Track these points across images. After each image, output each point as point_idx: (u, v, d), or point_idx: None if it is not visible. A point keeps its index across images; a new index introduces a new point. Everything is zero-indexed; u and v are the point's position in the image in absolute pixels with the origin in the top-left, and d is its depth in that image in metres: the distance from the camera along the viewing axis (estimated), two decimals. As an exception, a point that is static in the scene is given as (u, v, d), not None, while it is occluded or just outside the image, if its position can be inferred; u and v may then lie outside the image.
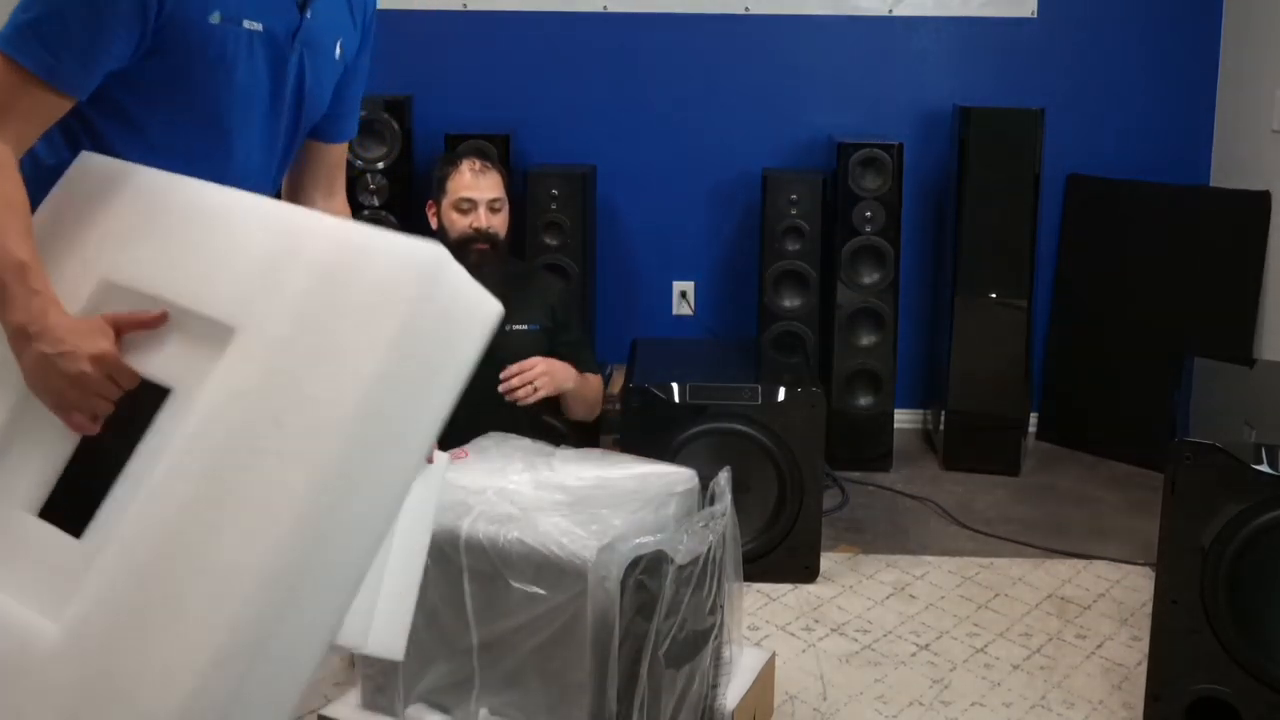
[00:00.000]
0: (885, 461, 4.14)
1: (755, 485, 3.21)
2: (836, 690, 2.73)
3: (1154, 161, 4.32)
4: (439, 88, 4.38)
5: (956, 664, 2.86)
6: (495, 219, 2.86)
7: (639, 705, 2.01)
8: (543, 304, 2.89)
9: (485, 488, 2.25)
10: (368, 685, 2.27)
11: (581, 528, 2.07)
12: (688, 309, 4.54)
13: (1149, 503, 3.74)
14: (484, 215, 2.83)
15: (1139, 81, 4.34)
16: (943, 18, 4.34)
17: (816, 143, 4.39)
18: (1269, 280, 3.94)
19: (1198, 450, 2.35)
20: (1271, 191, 3.93)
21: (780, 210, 4.06)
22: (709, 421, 3.18)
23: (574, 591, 2.02)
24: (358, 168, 4.07)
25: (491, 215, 2.85)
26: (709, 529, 2.16)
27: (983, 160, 4.01)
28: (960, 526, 3.67)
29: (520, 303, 2.84)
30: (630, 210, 4.47)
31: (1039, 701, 2.70)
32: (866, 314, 4.08)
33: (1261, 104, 4.00)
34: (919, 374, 4.51)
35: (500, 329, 2.77)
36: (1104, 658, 2.89)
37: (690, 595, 2.11)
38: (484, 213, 2.83)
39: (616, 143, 4.42)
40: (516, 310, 2.83)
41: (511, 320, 2.82)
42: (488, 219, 2.84)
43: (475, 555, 2.10)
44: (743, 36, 4.38)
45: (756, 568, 3.16)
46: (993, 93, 4.31)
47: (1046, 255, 4.37)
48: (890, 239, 4.03)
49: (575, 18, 4.37)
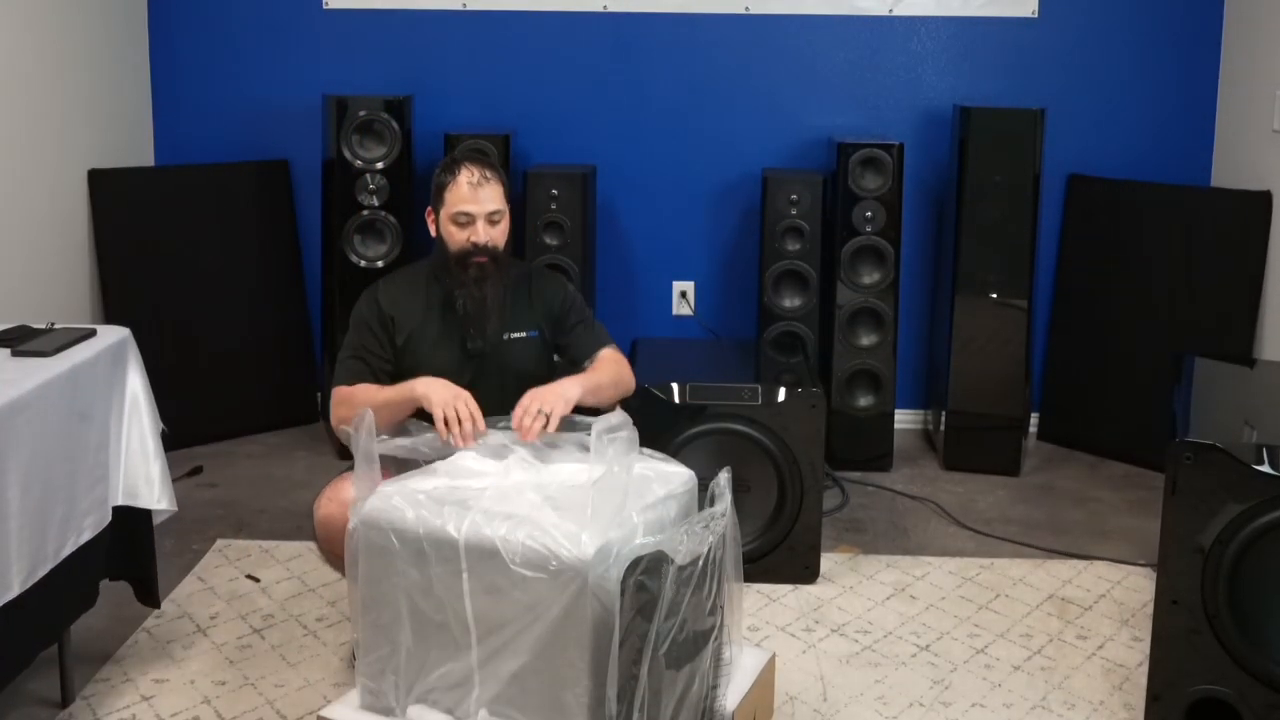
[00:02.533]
0: (885, 461, 4.13)
1: (755, 485, 3.21)
2: (837, 691, 2.73)
3: (1154, 161, 4.32)
4: (439, 88, 4.38)
5: (957, 665, 2.86)
6: (494, 231, 2.73)
7: (639, 706, 2.00)
8: (543, 307, 2.84)
9: (485, 488, 2.25)
10: (367, 686, 2.27)
11: (581, 528, 2.06)
12: (688, 309, 4.53)
13: (1149, 503, 3.75)
14: (482, 229, 2.70)
15: (1139, 81, 4.34)
16: (943, 18, 4.34)
17: (816, 143, 4.39)
18: (1269, 280, 3.93)
19: (1198, 450, 2.34)
20: (1272, 191, 3.93)
21: (780, 210, 4.06)
22: (709, 421, 3.18)
23: (574, 591, 2.02)
24: (357, 168, 4.07)
25: (490, 228, 2.72)
26: (709, 529, 2.16)
27: (983, 160, 4.01)
28: (960, 527, 3.66)
29: (520, 310, 2.80)
30: (630, 210, 4.47)
31: (1039, 702, 2.70)
32: (866, 314, 4.07)
33: (1262, 104, 4.00)
34: (919, 374, 4.51)
35: (499, 338, 2.78)
36: (1105, 658, 2.89)
37: (690, 596, 2.10)
38: (482, 226, 2.71)
39: (616, 143, 4.42)
40: (516, 319, 2.81)
41: (510, 329, 2.80)
42: (486, 233, 2.71)
43: (475, 555, 2.10)
44: (743, 36, 4.37)
45: (756, 568, 3.16)
46: (993, 93, 4.31)
47: (1046, 255, 4.36)
48: (890, 239, 4.03)
49: (575, 18, 4.37)
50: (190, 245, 4.24)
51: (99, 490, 2.52)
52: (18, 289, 3.59)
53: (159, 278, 4.17)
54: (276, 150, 4.45)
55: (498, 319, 2.77)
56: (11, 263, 3.59)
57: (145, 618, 2.98)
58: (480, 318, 2.74)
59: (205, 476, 3.96)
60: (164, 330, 4.11)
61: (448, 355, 2.76)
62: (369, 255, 4.12)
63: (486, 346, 2.77)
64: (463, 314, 2.74)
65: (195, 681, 2.73)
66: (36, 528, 2.29)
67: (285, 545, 3.44)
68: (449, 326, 2.77)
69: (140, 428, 2.63)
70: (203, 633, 2.95)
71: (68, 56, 3.93)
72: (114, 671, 2.76)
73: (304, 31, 4.41)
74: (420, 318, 2.77)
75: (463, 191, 2.71)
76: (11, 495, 2.21)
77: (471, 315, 2.74)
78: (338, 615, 3.03)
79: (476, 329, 2.76)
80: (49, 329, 2.62)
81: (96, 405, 2.51)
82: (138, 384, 2.65)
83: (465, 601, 2.12)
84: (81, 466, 2.45)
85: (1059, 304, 4.40)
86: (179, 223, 4.23)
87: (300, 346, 4.52)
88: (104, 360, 2.54)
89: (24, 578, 2.25)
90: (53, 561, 2.35)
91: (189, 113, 4.46)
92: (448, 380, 2.59)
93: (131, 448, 2.62)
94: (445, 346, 2.76)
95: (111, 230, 4.09)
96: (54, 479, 2.35)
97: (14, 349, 2.45)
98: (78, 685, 2.66)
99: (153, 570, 2.76)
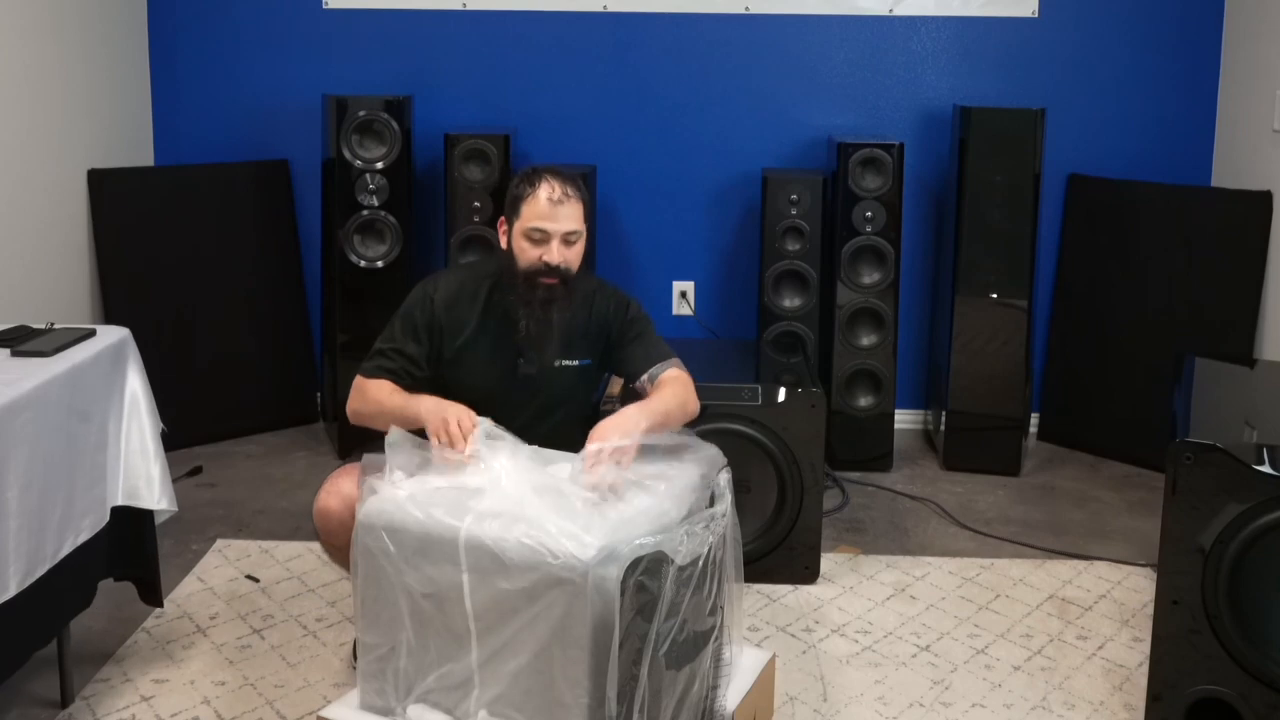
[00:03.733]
0: (885, 462, 4.13)
1: (755, 485, 3.21)
2: (837, 691, 2.73)
3: (1155, 161, 4.32)
4: (439, 88, 4.38)
5: (957, 665, 2.85)
6: (569, 252, 2.56)
7: (639, 706, 2.00)
8: (599, 331, 2.70)
9: (485, 488, 2.25)
10: (368, 686, 2.27)
11: (581, 528, 2.06)
12: (688, 309, 4.53)
13: (1149, 503, 3.75)
14: (557, 250, 2.54)
15: (1139, 81, 4.34)
16: (943, 18, 4.34)
17: (816, 143, 4.39)
18: (1270, 280, 3.93)
19: (1198, 450, 2.34)
20: (1273, 191, 3.93)
21: (780, 210, 4.06)
22: (709, 422, 3.18)
23: (574, 592, 2.01)
24: (357, 168, 4.07)
25: (565, 249, 2.55)
26: (709, 530, 2.16)
27: (983, 160, 4.00)
28: (960, 527, 3.66)
29: (577, 337, 2.68)
30: (630, 210, 4.47)
31: (1040, 703, 2.69)
32: (866, 314, 4.07)
33: (1262, 104, 4.00)
34: (919, 374, 4.51)
35: (552, 364, 2.68)
36: (1105, 659, 2.89)
37: (691, 596, 2.10)
38: (557, 246, 2.54)
39: (616, 143, 4.42)
40: (570, 347, 2.68)
41: (564, 356, 2.67)
42: (561, 254, 2.54)
43: (475, 555, 2.09)
44: (743, 36, 4.37)
45: (757, 568, 3.16)
46: (993, 93, 4.31)
47: (1046, 255, 4.36)
48: (890, 239, 4.03)
49: (575, 18, 4.37)
50: (190, 245, 4.24)
51: (97, 490, 2.52)
52: (18, 289, 3.59)
53: (159, 278, 4.17)
54: (276, 150, 4.45)
55: (558, 345, 2.65)
56: (11, 263, 3.59)
57: (145, 618, 2.98)
58: (541, 341, 2.62)
59: (205, 476, 3.96)
60: (164, 330, 4.11)
61: (497, 373, 2.65)
62: (369, 255, 4.12)
63: (536, 372, 2.66)
64: (524, 335, 2.61)
65: (195, 682, 2.73)
66: (35, 528, 2.29)
67: (285, 545, 3.44)
68: (503, 343, 2.65)
69: (140, 428, 2.63)
70: (202, 633, 2.95)
71: (68, 56, 3.93)
72: (113, 672, 2.75)
73: (304, 31, 4.41)
74: (475, 328, 2.65)
75: (541, 207, 2.54)
76: (10, 495, 2.20)
77: (534, 338, 2.61)
78: (338, 615, 3.03)
79: (535, 353, 2.64)
80: (48, 329, 2.62)
81: (96, 405, 2.51)
82: (137, 384, 2.64)
83: (465, 601, 2.12)
84: (80, 467, 2.45)
85: (1059, 304, 4.40)
86: (179, 223, 4.23)
87: (300, 346, 4.52)
88: (103, 360, 2.54)
89: (21, 578, 2.24)
90: (50, 561, 2.35)
91: (189, 113, 4.46)
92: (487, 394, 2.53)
93: (131, 448, 2.62)
94: (496, 364, 2.65)
95: (111, 230, 4.09)
96: (53, 479, 2.35)
97: (14, 349, 2.45)
98: (77, 685, 2.66)
99: (155, 570, 2.77)
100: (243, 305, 4.36)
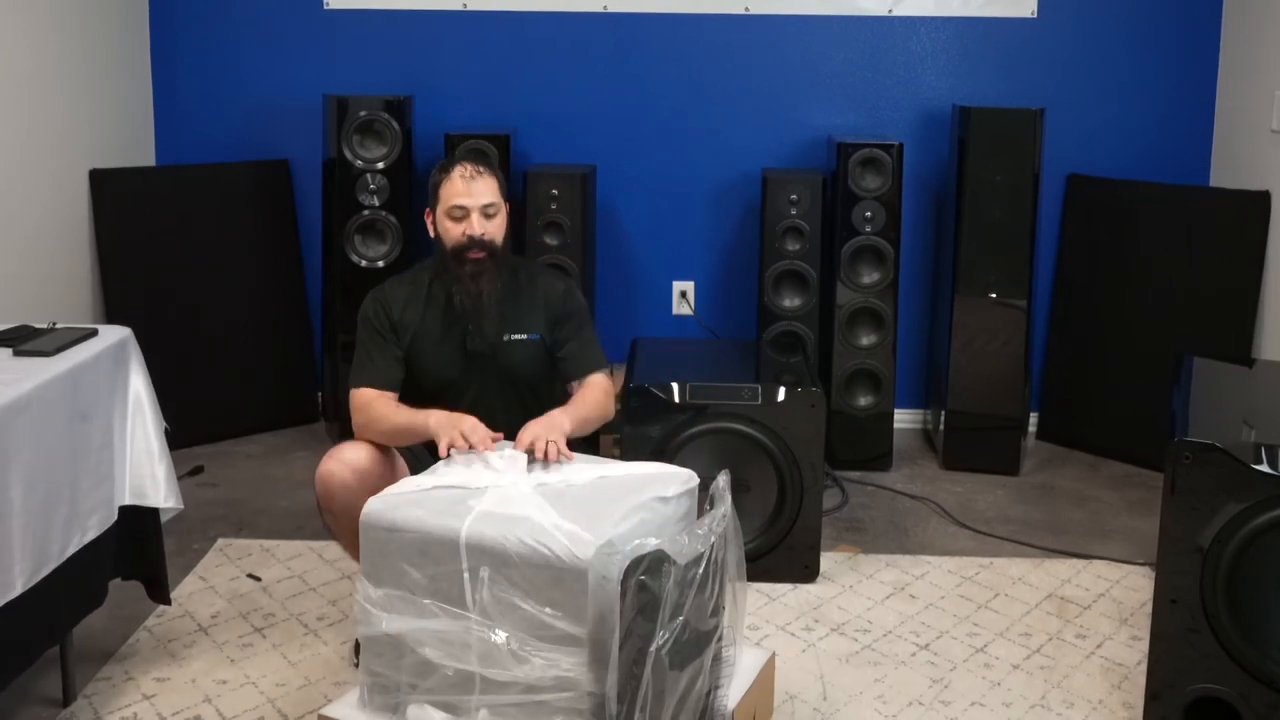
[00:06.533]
0: (885, 461, 4.14)
1: (755, 485, 3.21)
2: (836, 690, 2.74)
3: (1154, 161, 4.33)
4: (439, 88, 4.38)
5: (956, 664, 2.86)
6: (490, 225, 2.73)
7: (641, 706, 2.01)
8: (544, 309, 2.82)
9: (485, 488, 2.26)
10: (368, 685, 2.27)
11: (582, 528, 2.07)
12: (688, 309, 4.54)
13: (1149, 503, 3.75)
14: (477, 222, 2.70)
15: (1139, 81, 4.35)
16: (943, 18, 4.34)
17: (816, 143, 4.40)
18: (1269, 280, 3.94)
19: (1197, 450, 2.35)
20: (1271, 191, 3.93)
21: (780, 210, 4.07)
22: (709, 421, 3.19)
23: (574, 591, 2.02)
24: (358, 168, 4.08)
25: (486, 221, 2.72)
26: (710, 530, 2.16)
27: (983, 160, 4.01)
28: (960, 526, 3.67)
29: (519, 312, 2.79)
30: (630, 210, 4.47)
31: (1039, 701, 2.70)
32: (866, 314, 4.08)
33: (1262, 104, 4.01)
34: (919, 374, 4.51)
35: (499, 339, 2.78)
36: (1104, 657, 2.89)
37: (693, 596, 2.11)
38: (477, 219, 2.71)
39: (616, 143, 4.42)
40: (515, 320, 2.79)
41: (510, 330, 2.79)
42: (481, 225, 2.71)
43: (475, 555, 2.10)
44: (743, 36, 4.38)
45: (756, 567, 3.16)
46: (993, 93, 4.31)
47: (1046, 255, 4.37)
48: (890, 239, 4.03)
49: (575, 18, 4.37)
50: (191, 245, 4.24)
51: (103, 490, 2.53)
52: (19, 289, 3.59)
53: (159, 277, 4.17)
54: (277, 150, 4.45)
55: (496, 316, 2.76)
56: (12, 263, 3.59)
57: (146, 616, 2.98)
58: (478, 314, 2.73)
59: (206, 476, 3.97)
60: (164, 330, 4.11)
61: (449, 355, 2.76)
62: (369, 255, 4.12)
63: (486, 347, 2.76)
64: (460, 310, 2.73)
65: (196, 680, 2.73)
66: (39, 527, 2.29)
67: (286, 544, 3.44)
68: (450, 326, 2.77)
69: (144, 427, 2.64)
70: (204, 631, 2.95)
71: (69, 56, 3.93)
72: (115, 670, 2.76)
73: (304, 31, 4.41)
74: (422, 319, 2.77)
75: (456, 186, 2.72)
76: (14, 494, 2.21)
77: (469, 311, 2.73)
78: (339, 614, 3.04)
79: (475, 326, 2.75)
80: (50, 329, 2.62)
81: (98, 405, 2.51)
82: (140, 383, 2.65)
83: (466, 601, 2.12)
84: (84, 466, 2.46)
85: (1058, 304, 4.41)
86: (179, 223, 4.23)
87: (300, 346, 4.52)
88: (105, 360, 2.54)
89: (27, 577, 2.25)
90: (57, 560, 2.36)
91: (189, 113, 4.46)
92: (449, 379, 2.64)
93: (136, 447, 2.63)
94: (447, 347, 2.76)
95: (112, 230, 4.10)
96: (57, 478, 2.35)
97: (15, 349, 2.46)
98: (79, 684, 2.66)
99: (163, 568, 2.78)
100: (244, 305, 4.36)
